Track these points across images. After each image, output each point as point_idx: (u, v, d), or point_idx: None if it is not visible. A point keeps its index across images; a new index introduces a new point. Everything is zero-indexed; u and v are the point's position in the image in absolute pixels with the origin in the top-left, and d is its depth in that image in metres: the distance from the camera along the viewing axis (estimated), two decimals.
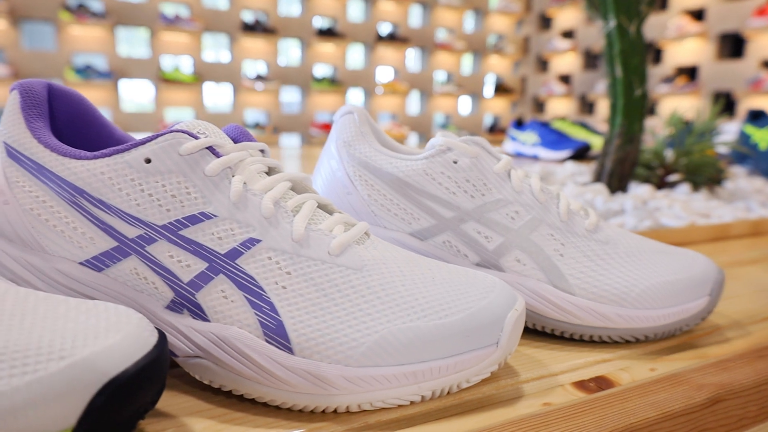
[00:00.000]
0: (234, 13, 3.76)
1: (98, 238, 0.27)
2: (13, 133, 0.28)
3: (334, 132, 0.38)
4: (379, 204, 0.35)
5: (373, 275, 0.26)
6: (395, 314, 0.25)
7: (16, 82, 0.29)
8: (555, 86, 4.16)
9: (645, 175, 0.85)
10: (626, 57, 0.71)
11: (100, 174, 0.26)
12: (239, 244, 0.26)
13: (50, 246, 0.27)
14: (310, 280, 0.26)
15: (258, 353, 0.24)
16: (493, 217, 0.34)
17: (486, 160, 0.35)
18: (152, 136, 0.27)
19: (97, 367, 0.19)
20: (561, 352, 0.32)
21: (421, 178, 0.35)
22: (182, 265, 0.26)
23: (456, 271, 0.29)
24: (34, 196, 0.27)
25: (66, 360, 0.18)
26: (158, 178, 0.26)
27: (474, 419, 0.24)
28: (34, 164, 0.27)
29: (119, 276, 0.27)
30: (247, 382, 0.25)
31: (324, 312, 0.25)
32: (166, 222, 0.26)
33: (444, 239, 0.35)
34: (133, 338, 0.20)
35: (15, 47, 3.29)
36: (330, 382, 0.24)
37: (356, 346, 0.24)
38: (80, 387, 0.18)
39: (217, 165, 0.27)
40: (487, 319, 0.26)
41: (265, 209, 0.27)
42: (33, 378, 0.18)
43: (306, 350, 0.24)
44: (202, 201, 0.26)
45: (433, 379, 0.25)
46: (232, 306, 0.25)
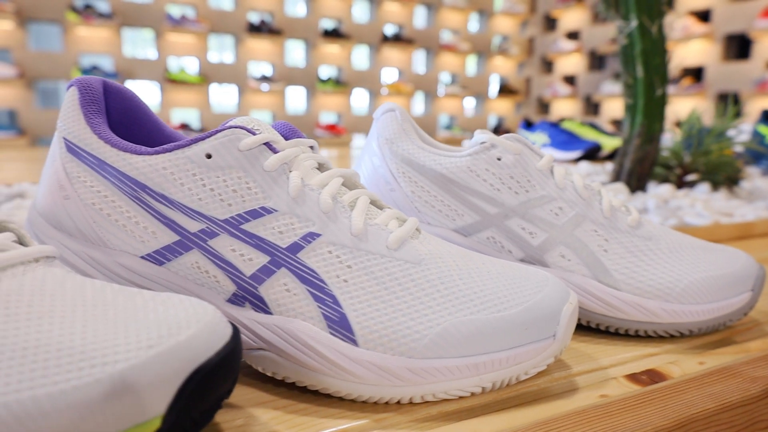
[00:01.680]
0: (240, 14, 3.77)
1: (160, 232, 0.27)
2: (72, 129, 0.28)
3: (374, 129, 0.39)
4: (423, 200, 0.36)
5: (432, 269, 0.27)
6: (455, 307, 0.26)
7: (75, 78, 0.29)
8: (560, 87, 4.16)
9: (663, 175, 0.85)
10: (648, 57, 0.71)
11: (162, 169, 0.27)
12: (300, 238, 0.26)
13: (112, 240, 0.28)
14: (370, 273, 0.26)
15: (323, 345, 0.25)
16: (537, 213, 0.34)
17: (529, 157, 0.35)
18: (211, 131, 0.28)
19: (184, 356, 0.19)
20: (608, 346, 0.32)
21: (466, 174, 0.35)
22: (244, 259, 0.26)
23: (507, 265, 0.29)
24: (95, 191, 0.27)
25: (154, 349, 0.19)
26: (219, 173, 0.27)
27: (534, 410, 0.25)
28: (96, 159, 0.28)
29: (180, 270, 0.27)
30: (312, 373, 0.25)
31: (386, 305, 0.25)
32: (227, 216, 0.26)
33: (488, 235, 0.35)
34: (211, 329, 0.20)
35: (22, 48, 3.30)
36: (395, 373, 0.24)
37: (419, 338, 0.25)
38: (169, 375, 0.18)
39: (275, 160, 0.27)
40: (543, 312, 0.26)
41: (323, 204, 0.27)
42: (125, 366, 0.18)
43: (370, 342, 0.25)
44: (262, 196, 0.27)
45: (494, 370, 0.25)
46: (294, 299, 0.26)
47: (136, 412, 0.18)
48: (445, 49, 4.27)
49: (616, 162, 0.82)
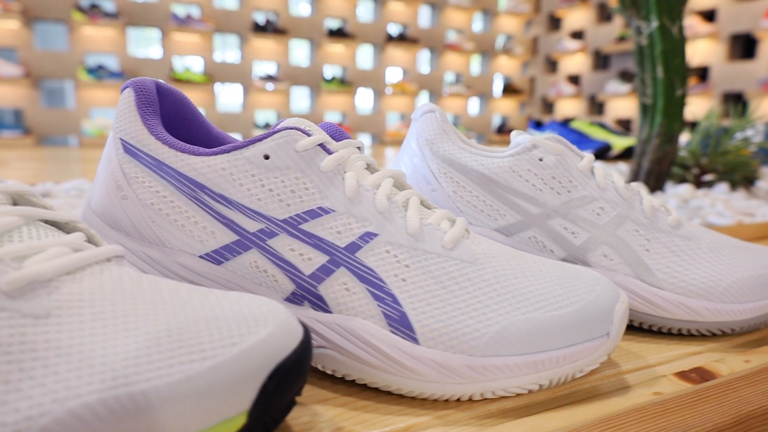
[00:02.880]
0: (245, 14, 3.77)
1: (219, 232, 0.27)
2: (129, 130, 0.29)
3: (414, 130, 0.39)
4: (465, 200, 0.36)
5: (487, 268, 0.27)
6: (512, 306, 0.26)
7: (130, 80, 0.30)
8: (564, 87, 4.16)
9: (680, 175, 0.86)
10: (668, 57, 0.72)
11: (220, 170, 0.27)
12: (357, 238, 0.27)
13: (170, 240, 0.28)
14: (428, 272, 0.26)
15: (384, 343, 0.25)
16: (579, 213, 0.35)
17: (570, 158, 0.36)
18: (268, 132, 0.28)
19: (265, 354, 0.19)
20: (653, 345, 0.32)
21: (508, 175, 0.35)
22: (303, 259, 0.27)
23: (557, 264, 0.29)
24: (154, 191, 0.28)
25: (237, 347, 0.19)
26: (277, 173, 0.27)
27: (591, 408, 0.25)
28: (153, 160, 0.28)
29: (238, 269, 0.27)
30: (374, 371, 0.25)
31: (444, 303, 0.26)
32: (286, 216, 0.27)
33: (530, 235, 0.35)
34: (286, 327, 0.21)
35: (28, 47, 3.31)
36: (456, 371, 0.25)
37: (479, 337, 0.25)
38: (253, 372, 0.19)
39: (331, 161, 0.28)
40: (597, 310, 0.27)
41: (379, 204, 0.27)
42: (212, 363, 0.18)
43: (431, 340, 0.25)
44: (320, 196, 0.27)
45: (552, 368, 0.26)
46: (354, 298, 0.26)
47: (223, 408, 0.18)
48: (449, 48, 4.27)
49: (634, 162, 0.82)
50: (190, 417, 0.18)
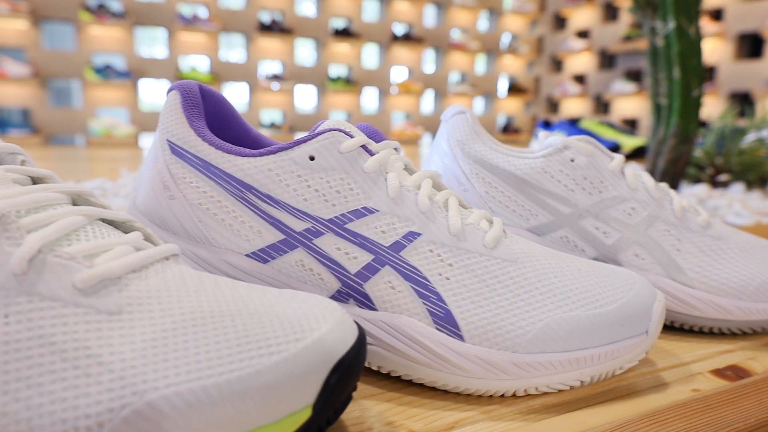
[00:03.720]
0: (251, 13, 3.78)
1: (266, 231, 0.28)
2: (176, 131, 0.29)
3: (444, 131, 0.39)
4: (497, 201, 0.37)
5: (528, 267, 0.28)
6: (554, 304, 0.27)
7: (175, 82, 0.31)
8: (569, 86, 4.16)
9: (694, 175, 0.86)
10: (685, 58, 0.72)
11: (267, 171, 0.28)
12: (401, 237, 0.27)
13: (217, 239, 0.29)
14: (471, 271, 0.27)
15: (430, 340, 0.26)
16: (610, 213, 0.35)
17: (601, 159, 0.36)
18: (312, 134, 0.29)
19: (327, 349, 0.20)
20: (685, 343, 0.33)
21: (540, 175, 0.36)
22: (349, 257, 0.27)
23: (594, 264, 0.30)
24: (201, 191, 0.29)
25: (301, 342, 0.20)
26: (322, 174, 0.28)
27: (632, 404, 0.26)
28: (201, 161, 0.29)
29: (284, 267, 0.28)
30: (420, 367, 0.26)
31: (488, 302, 0.26)
32: (332, 216, 0.28)
33: (561, 234, 0.36)
34: (343, 324, 0.21)
35: (35, 47, 3.32)
36: (501, 367, 0.25)
37: (523, 334, 0.26)
38: (317, 366, 0.20)
39: (373, 162, 0.28)
40: (636, 309, 0.27)
41: (422, 204, 0.28)
42: (279, 358, 0.19)
43: (475, 337, 0.26)
44: (364, 196, 0.28)
45: (593, 365, 0.26)
46: (399, 296, 0.27)
47: (291, 401, 0.19)
48: (454, 48, 4.27)
49: (649, 162, 0.83)
50: (260, 410, 0.18)
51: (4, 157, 0.24)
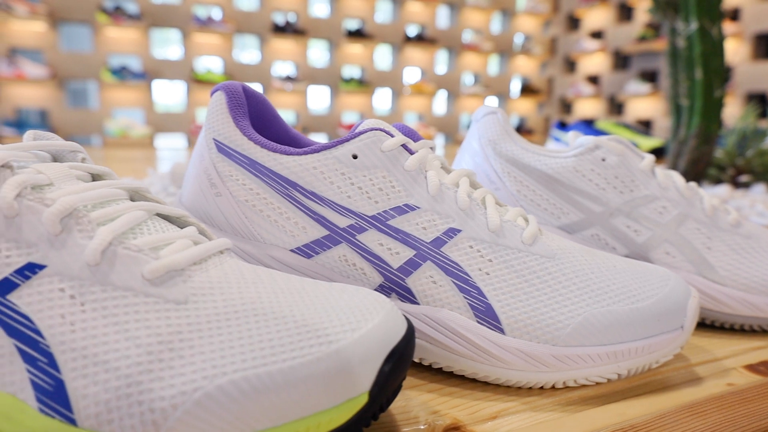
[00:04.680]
0: (264, 15, 3.81)
1: (310, 227, 0.29)
2: (222, 130, 0.31)
3: (475, 130, 0.40)
4: (528, 199, 0.37)
5: (565, 263, 0.28)
6: (592, 299, 0.27)
7: (220, 83, 0.32)
8: (583, 87, 4.14)
9: (715, 176, 0.86)
10: (707, 59, 0.72)
11: (312, 168, 0.29)
12: (442, 234, 0.28)
13: (263, 234, 0.30)
14: (510, 267, 0.28)
15: (472, 333, 0.26)
16: (642, 211, 0.36)
17: (632, 158, 0.37)
18: (354, 133, 0.29)
19: (381, 338, 0.21)
20: (716, 339, 0.33)
21: (571, 174, 0.37)
22: (392, 253, 0.28)
23: (628, 261, 0.31)
24: (248, 188, 0.30)
25: (357, 332, 0.21)
26: (365, 172, 0.29)
27: (669, 397, 0.26)
28: (247, 159, 0.30)
29: (327, 262, 0.29)
30: (462, 359, 0.27)
31: (527, 296, 0.27)
32: (375, 213, 0.28)
33: (593, 232, 0.37)
34: (393, 316, 0.22)
35: (53, 49, 3.37)
36: (541, 359, 0.26)
37: (562, 328, 0.26)
38: (372, 355, 0.20)
39: (414, 161, 0.29)
40: (672, 304, 0.28)
41: (461, 201, 0.29)
42: (338, 347, 0.20)
43: (516, 331, 0.26)
44: (405, 194, 0.29)
45: (630, 359, 0.27)
46: (441, 290, 0.27)
47: (349, 388, 0.20)
48: (467, 48, 4.27)
49: (669, 162, 0.83)
50: (321, 395, 0.19)
51: (65, 154, 0.25)
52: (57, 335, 0.19)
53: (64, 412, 0.18)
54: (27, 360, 0.18)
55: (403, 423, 0.24)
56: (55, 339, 0.19)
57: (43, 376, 0.18)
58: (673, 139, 0.89)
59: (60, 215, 0.20)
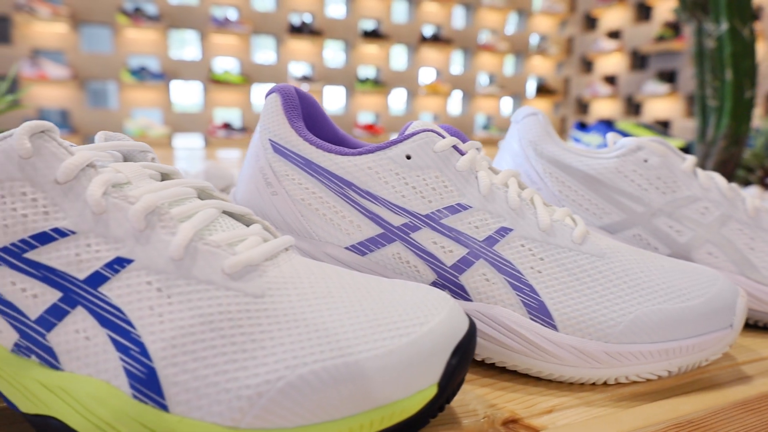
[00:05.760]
0: (281, 16, 3.83)
1: (365, 225, 0.30)
2: (278, 131, 0.31)
3: (515, 131, 0.41)
4: (570, 199, 0.38)
5: (615, 262, 0.29)
6: (643, 297, 0.28)
7: (276, 85, 0.33)
8: (600, 87, 4.12)
9: (743, 177, 0.86)
10: (738, 59, 0.72)
11: (366, 168, 0.30)
12: (494, 232, 0.29)
13: (318, 232, 0.30)
14: (561, 265, 0.28)
15: (526, 329, 0.27)
16: (684, 212, 0.36)
17: (674, 159, 0.37)
18: (407, 134, 0.30)
19: (448, 332, 0.22)
20: (761, 339, 0.34)
21: (613, 175, 0.37)
22: (445, 251, 0.29)
23: (674, 261, 0.31)
24: (303, 188, 0.30)
25: (425, 326, 0.21)
26: (419, 172, 0.30)
27: (720, 394, 0.27)
28: (303, 159, 0.31)
29: (381, 260, 0.30)
30: (516, 355, 0.27)
31: (579, 294, 0.28)
32: (428, 212, 0.29)
33: (634, 233, 0.37)
34: (457, 311, 0.23)
35: (75, 50, 3.42)
36: (594, 356, 0.27)
37: (614, 325, 0.27)
38: (441, 348, 0.21)
39: (465, 161, 0.30)
40: (721, 303, 0.28)
41: (512, 201, 0.29)
42: (409, 340, 0.21)
43: (569, 327, 0.27)
44: (457, 193, 0.29)
45: (681, 356, 0.28)
46: (494, 287, 0.28)
47: (420, 379, 0.21)
48: (483, 49, 4.27)
49: (697, 164, 0.83)
50: (394, 387, 0.20)
51: (135, 154, 0.26)
52: (147, 326, 0.20)
53: (157, 398, 0.19)
54: (120, 349, 0.19)
55: (463, 415, 0.24)
56: (145, 329, 0.20)
57: (136, 364, 0.19)
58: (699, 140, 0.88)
59: (144, 212, 0.21)
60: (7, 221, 0.21)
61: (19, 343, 0.20)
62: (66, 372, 0.20)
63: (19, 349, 0.20)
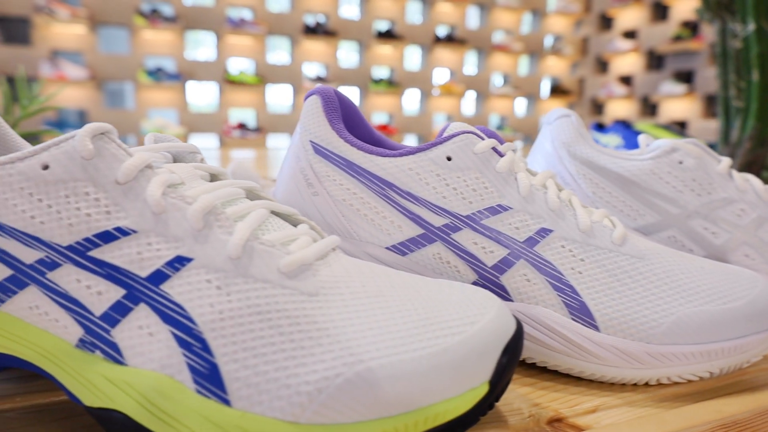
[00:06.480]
0: (296, 16, 3.85)
1: (405, 226, 0.30)
2: (319, 133, 0.32)
3: (548, 132, 0.41)
4: (604, 201, 0.38)
5: (655, 263, 0.29)
6: (684, 299, 0.28)
7: (316, 87, 0.33)
8: (615, 88, 4.09)
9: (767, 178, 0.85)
10: (765, 60, 0.72)
11: (407, 170, 0.30)
12: (534, 233, 0.29)
13: (359, 232, 0.31)
14: (602, 266, 0.29)
15: (567, 329, 0.27)
16: (719, 214, 0.36)
17: (709, 161, 0.37)
18: (447, 136, 0.31)
19: (498, 331, 0.22)
20: None
21: (648, 177, 0.37)
22: (486, 251, 0.29)
23: (714, 262, 0.31)
24: (345, 188, 0.31)
25: (476, 325, 0.22)
26: (459, 173, 0.30)
27: (762, 396, 0.27)
28: (344, 160, 0.31)
29: (421, 260, 0.30)
30: (557, 354, 0.28)
31: (620, 295, 0.28)
32: (469, 213, 0.30)
33: (669, 234, 0.37)
34: (504, 311, 0.23)
35: (93, 51, 3.46)
36: (636, 356, 0.27)
37: (656, 326, 0.27)
38: (492, 346, 0.21)
39: (505, 162, 0.30)
40: (763, 305, 0.28)
41: (552, 203, 0.30)
42: (461, 338, 0.21)
43: (610, 328, 0.27)
44: (497, 194, 0.30)
45: (723, 358, 0.28)
46: (534, 288, 0.28)
47: (472, 377, 0.21)
48: (497, 49, 4.25)
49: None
50: (448, 384, 0.20)
51: (185, 156, 0.27)
52: (208, 322, 0.20)
53: (219, 393, 0.19)
54: (182, 345, 0.20)
55: (508, 414, 0.25)
56: (207, 326, 0.20)
57: (198, 359, 0.20)
58: (722, 142, 0.88)
59: (203, 212, 0.22)
60: (72, 220, 0.21)
61: (84, 339, 0.21)
62: (130, 367, 0.20)
63: (83, 344, 0.21)
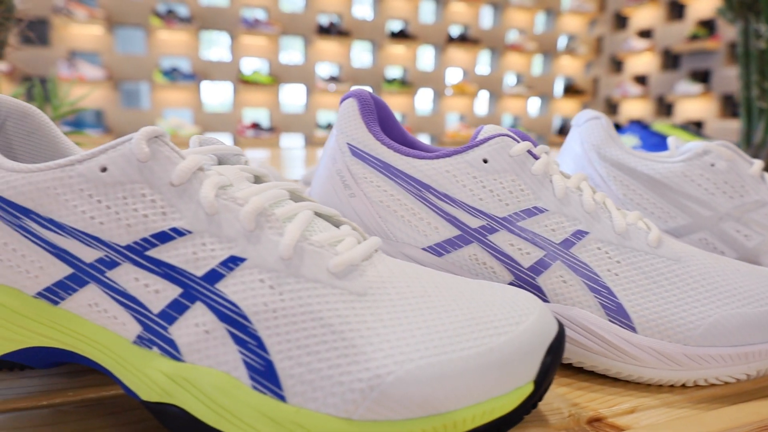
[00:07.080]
0: (309, 17, 3.87)
1: (442, 227, 0.31)
2: (356, 135, 0.33)
3: (577, 135, 0.41)
4: (635, 203, 0.38)
5: (691, 266, 0.29)
6: (721, 301, 0.28)
7: (352, 90, 0.34)
8: (630, 87, 4.06)
9: None
10: None
11: (444, 172, 0.31)
12: (570, 235, 0.29)
13: (396, 233, 0.31)
14: (638, 268, 0.29)
15: (605, 330, 0.28)
16: (752, 216, 0.36)
17: (741, 164, 0.37)
18: (481, 139, 0.31)
19: (542, 332, 0.22)
20: None
21: (680, 179, 0.37)
22: (522, 253, 0.30)
23: (748, 265, 0.31)
24: (382, 190, 0.31)
25: (521, 325, 0.22)
26: (495, 176, 0.30)
27: None
28: (381, 162, 0.32)
29: (457, 261, 0.31)
30: (595, 355, 0.28)
31: (657, 297, 0.28)
32: (505, 215, 0.30)
33: (701, 236, 0.37)
34: (546, 312, 0.24)
35: (109, 51, 3.50)
36: (673, 358, 0.27)
37: (694, 328, 0.27)
38: (536, 346, 0.22)
39: (540, 165, 0.31)
40: None
41: (587, 205, 0.30)
42: (507, 338, 0.22)
43: (648, 330, 0.27)
44: (533, 197, 0.30)
45: (761, 360, 0.28)
46: (571, 289, 0.29)
47: (517, 376, 0.21)
48: (510, 49, 4.24)
49: None
50: (494, 383, 0.21)
51: (229, 158, 0.28)
52: (262, 321, 0.21)
53: (275, 389, 0.20)
54: (238, 342, 0.21)
55: (548, 414, 0.25)
56: (261, 324, 0.21)
57: (254, 356, 0.20)
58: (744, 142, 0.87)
59: (254, 213, 0.22)
60: (130, 221, 0.22)
61: (142, 335, 0.22)
62: (188, 363, 0.21)
63: (141, 340, 0.22)
